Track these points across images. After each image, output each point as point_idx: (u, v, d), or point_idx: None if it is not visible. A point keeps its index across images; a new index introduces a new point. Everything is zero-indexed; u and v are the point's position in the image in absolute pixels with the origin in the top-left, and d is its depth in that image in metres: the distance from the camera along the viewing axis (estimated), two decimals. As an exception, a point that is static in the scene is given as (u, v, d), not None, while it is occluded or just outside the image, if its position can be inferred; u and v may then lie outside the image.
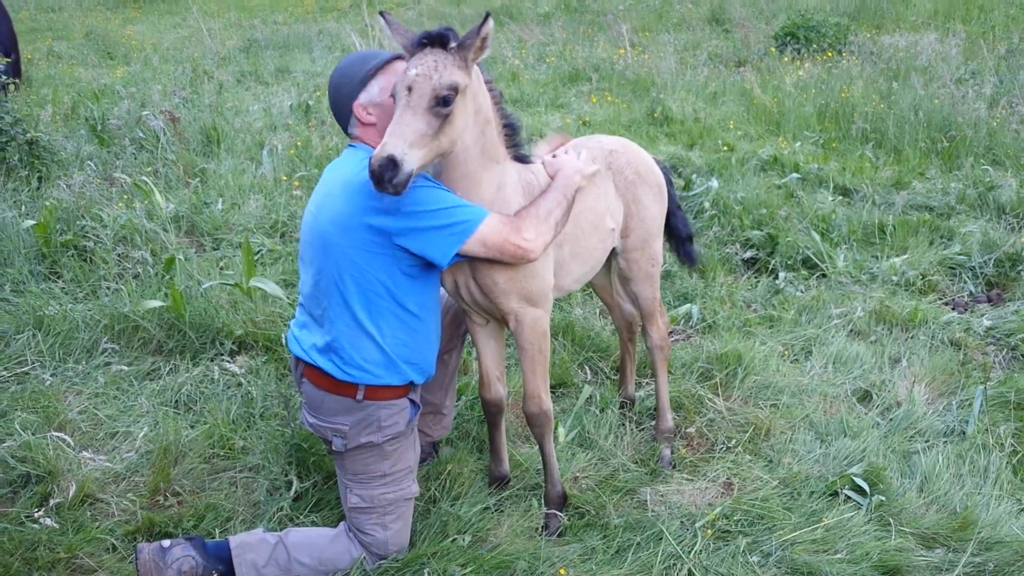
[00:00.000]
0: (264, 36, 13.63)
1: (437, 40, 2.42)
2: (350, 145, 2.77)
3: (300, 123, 7.91)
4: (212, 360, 4.13)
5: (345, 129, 2.80)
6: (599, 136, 3.43)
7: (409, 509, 2.92)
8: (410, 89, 2.36)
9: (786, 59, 10.79)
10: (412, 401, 2.87)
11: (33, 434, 3.48)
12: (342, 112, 2.75)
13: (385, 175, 2.25)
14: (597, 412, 3.85)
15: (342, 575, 2.82)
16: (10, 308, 4.44)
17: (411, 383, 2.81)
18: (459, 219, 2.55)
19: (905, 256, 5.46)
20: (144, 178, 5.93)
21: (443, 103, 2.34)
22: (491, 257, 2.65)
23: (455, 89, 2.37)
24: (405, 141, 2.29)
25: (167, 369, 4.08)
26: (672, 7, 15.51)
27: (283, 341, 4.09)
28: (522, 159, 2.86)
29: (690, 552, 3.01)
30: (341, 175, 2.63)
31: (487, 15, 2.41)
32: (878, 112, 8.15)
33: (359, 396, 2.71)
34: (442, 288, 2.91)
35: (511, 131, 2.79)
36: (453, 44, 2.44)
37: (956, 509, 3.29)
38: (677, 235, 3.66)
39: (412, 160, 2.29)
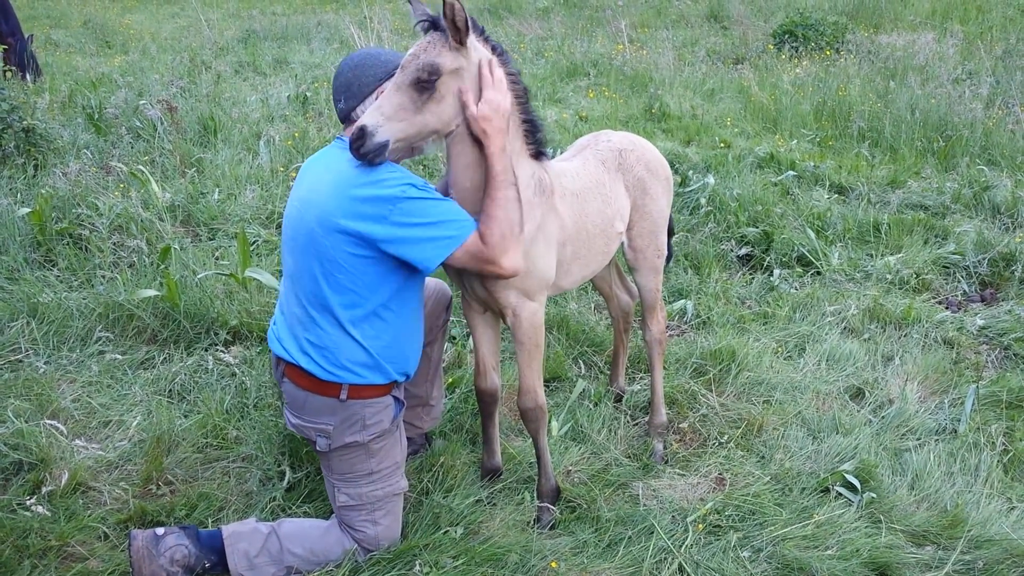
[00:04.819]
0: (262, 27, 13.60)
1: (431, 23, 2.53)
2: (338, 138, 2.70)
3: (297, 114, 7.90)
4: (206, 350, 4.12)
5: (346, 112, 2.71)
6: (607, 132, 3.42)
7: (398, 504, 2.92)
8: (403, 68, 2.49)
9: (784, 57, 10.80)
10: (396, 398, 2.85)
11: (26, 422, 3.48)
12: (354, 88, 2.68)
13: (355, 144, 2.41)
14: (590, 406, 3.86)
15: (333, 566, 2.83)
16: (4, 296, 4.43)
17: (395, 381, 2.80)
18: (447, 233, 2.53)
19: (899, 255, 5.48)
20: (141, 167, 5.91)
21: (425, 80, 2.44)
22: (472, 268, 2.65)
23: (434, 68, 2.44)
24: (382, 114, 2.43)
25: (161, 358, 4.08)
26: (671, 3, 15.51)
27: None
28: (540, 157, 2.85)
29: (681, 546, 3.02)
30: (330, 173, 2.56)
31: None
32: (875, 111, 8.16)
33: (343, 395, 2.68)
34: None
35: (532, 128, 2.78)
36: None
37: (947, 507, 3.31)
38: (669, 229, 3.66)
39: (386, 131, 2.42)
